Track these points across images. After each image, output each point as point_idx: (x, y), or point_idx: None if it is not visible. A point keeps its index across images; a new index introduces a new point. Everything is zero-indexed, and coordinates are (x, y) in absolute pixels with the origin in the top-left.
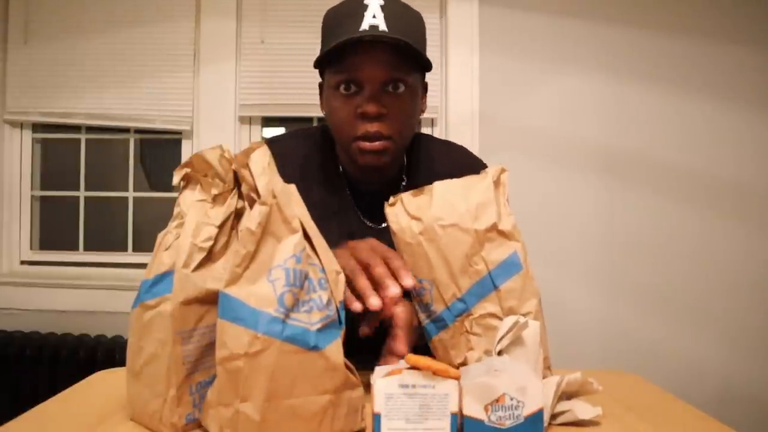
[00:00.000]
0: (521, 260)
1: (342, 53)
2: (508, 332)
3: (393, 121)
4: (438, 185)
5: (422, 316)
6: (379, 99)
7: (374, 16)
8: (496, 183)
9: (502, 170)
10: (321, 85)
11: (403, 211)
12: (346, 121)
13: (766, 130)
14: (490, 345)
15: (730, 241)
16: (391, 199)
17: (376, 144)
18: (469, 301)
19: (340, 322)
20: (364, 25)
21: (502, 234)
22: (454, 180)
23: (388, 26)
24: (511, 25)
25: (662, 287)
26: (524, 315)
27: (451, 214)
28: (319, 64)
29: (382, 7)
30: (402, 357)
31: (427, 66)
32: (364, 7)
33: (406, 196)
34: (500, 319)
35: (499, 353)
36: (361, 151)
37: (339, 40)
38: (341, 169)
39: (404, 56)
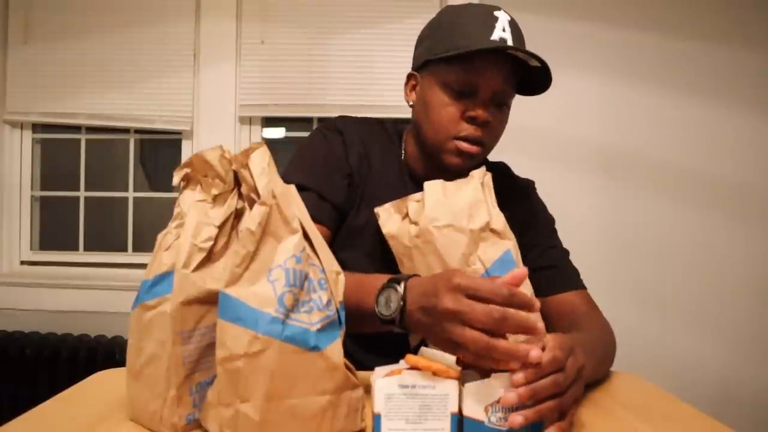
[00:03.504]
0: (514, 257)
1: (470, 55)
2: None
3: (492, 131)
4: (428, 186)
5: None
6: (489, 108)
7: (504, 30)
8: (483, 185)
9: (485, 173)
10: (411, 76)
11: (392, 216)
12: (450, 119)
13: (765, 130)
14: None
15: (730, 241)
16: (377, 209)
17: (474, 148)
18: None
19: (340, 323)
20: (495, 36)
21: (495, 233)
22: (443, 182)
23: (514, 43)
24: None
25: (662, 287)
26: None
27: (444, 214)
28: (430, 56)
29: (510, 23)
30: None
31: (541, 89)
32: (495, 18)
33: (392, 203)
34: None
35: None
36: (458, 150)
37: (475, 44)
38: (403, 158)
39: (515, 78)
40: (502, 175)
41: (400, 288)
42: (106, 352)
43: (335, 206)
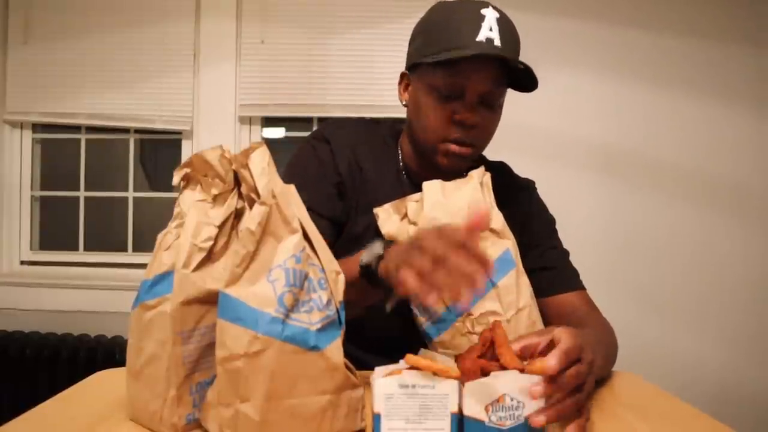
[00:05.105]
0: (514, 256)
1: (455, 60)
2: None
3: (482, 132)
4: (427, 187)
5: (422, 320)
6: (477, 110)
7: (491, 29)
8: (481, 184)
9: (484, 173)
10: (404, 75)
11: (391, 217)
12: (438, 122)
13: (765, 130)
14: None
15: (729, 241)
16: (377, 209)
17: (464, 150)
18: None
19: (340, 322)
20: (481, 36)
21: (494, 232)
22: (442, 182)
23: (501, 42)
24: None
25: (661, 286)
26: (521, 308)
27: (443, 214)
28: (418, 59)
29: (498, 21)
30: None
31: (529, 89)
32: (482, 17)
33: (391, 204)
34: (501, 315)
35: None
36: (449, 153)
37: (459, 47)
38: (401, 162)
39: (504, 76)
40: (501, 175)
41: (385, 244)
42: (106, 352)
43: (331, 219)
